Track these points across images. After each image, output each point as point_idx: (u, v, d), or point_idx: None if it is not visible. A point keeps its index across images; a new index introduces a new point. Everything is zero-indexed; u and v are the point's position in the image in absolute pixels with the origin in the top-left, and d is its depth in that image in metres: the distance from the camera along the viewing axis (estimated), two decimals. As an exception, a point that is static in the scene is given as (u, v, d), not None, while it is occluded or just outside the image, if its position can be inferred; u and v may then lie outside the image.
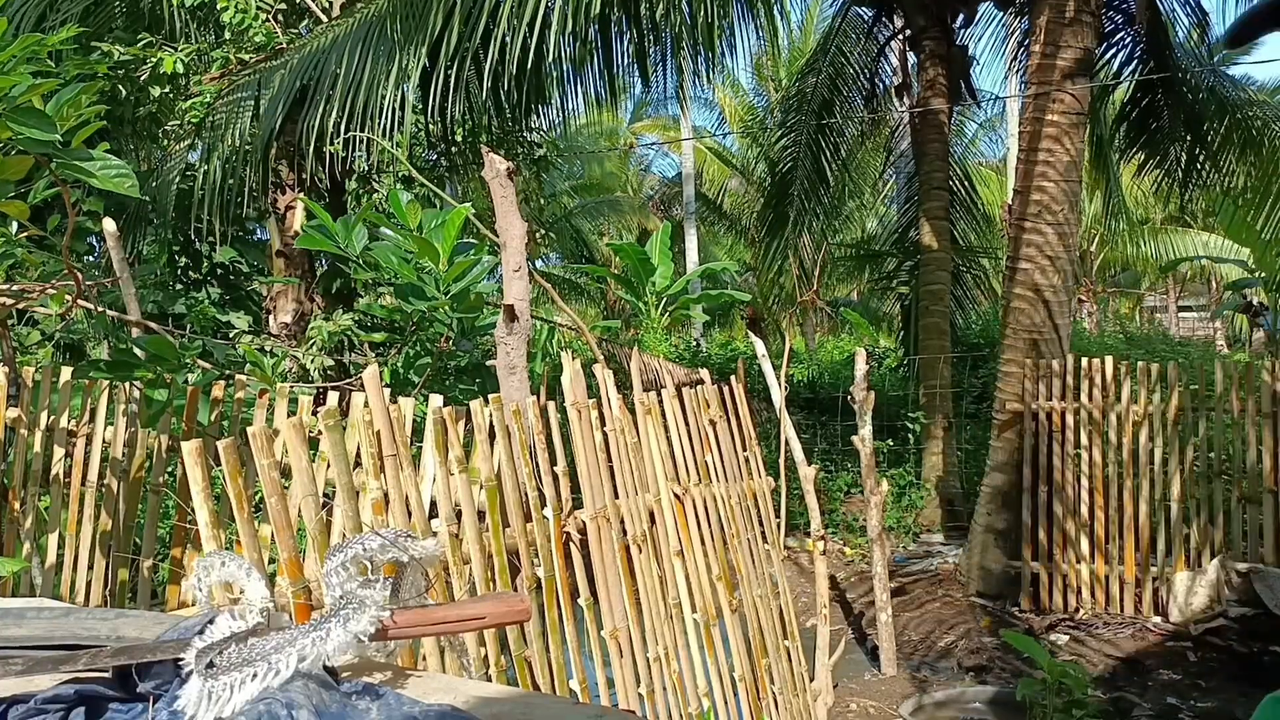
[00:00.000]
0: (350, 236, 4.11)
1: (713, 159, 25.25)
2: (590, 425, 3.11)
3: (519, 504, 2.79)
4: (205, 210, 7.82)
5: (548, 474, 2.92)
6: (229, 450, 1.99)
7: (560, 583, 2.90)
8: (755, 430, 4.51)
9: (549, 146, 10.17)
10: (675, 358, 14.30)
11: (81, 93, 2.58)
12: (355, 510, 2.23)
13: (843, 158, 12.58)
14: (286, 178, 8.71)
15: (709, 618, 3.60)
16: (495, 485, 2.68)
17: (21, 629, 1.42)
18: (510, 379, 3.08)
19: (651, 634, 3.28)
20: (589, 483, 3.08)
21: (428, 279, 3.81)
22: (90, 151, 2.45)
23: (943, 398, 9.19)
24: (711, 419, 3.96)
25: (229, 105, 7.86)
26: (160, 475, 3.46)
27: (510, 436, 2.80)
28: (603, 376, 3.27)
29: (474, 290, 3.85)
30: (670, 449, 3.62)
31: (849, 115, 12.36)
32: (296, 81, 7.35)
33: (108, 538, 3.49)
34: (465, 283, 3.81)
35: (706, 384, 3.99)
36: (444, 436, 2.53)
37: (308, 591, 2.10)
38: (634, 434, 3.40)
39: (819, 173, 12.32)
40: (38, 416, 3.49)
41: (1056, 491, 6.64)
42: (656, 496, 3.45)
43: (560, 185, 23.16)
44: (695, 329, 19.07)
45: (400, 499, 2.38)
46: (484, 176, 3.07)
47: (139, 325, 3.66)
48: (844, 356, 17.65)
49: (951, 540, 8.52)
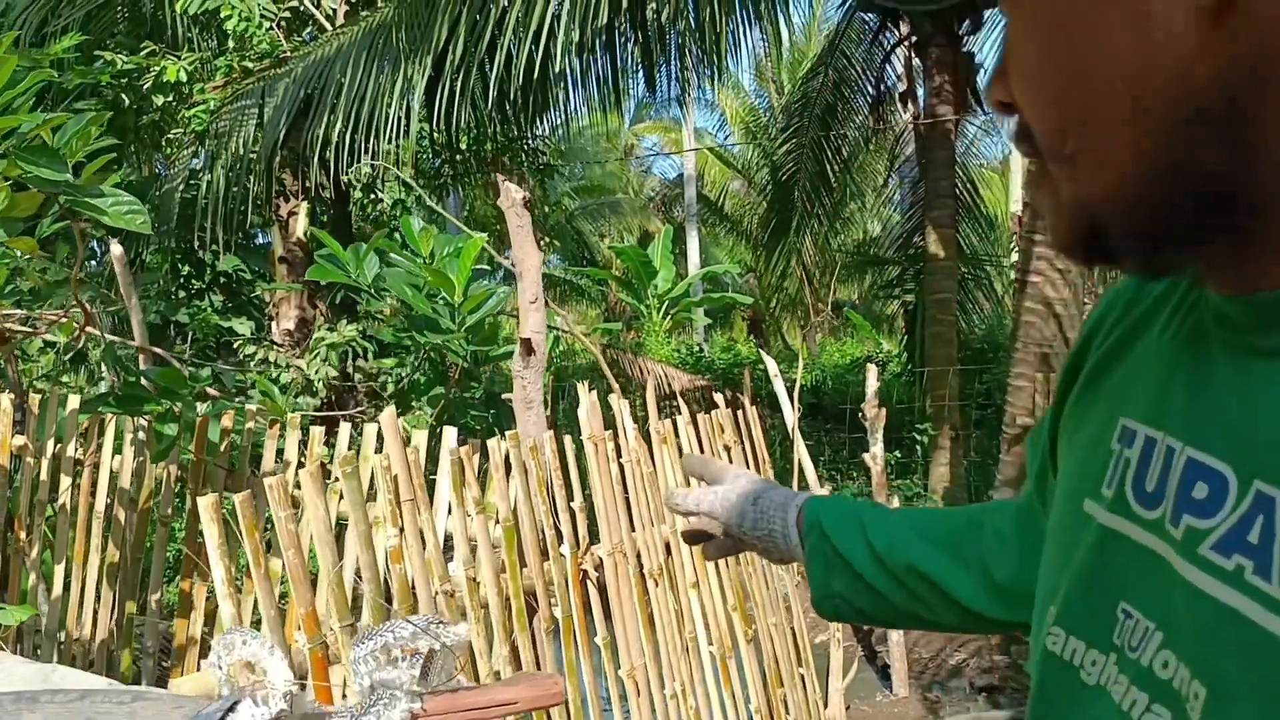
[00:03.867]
0: (361, 265, 4.05)
1: (714, 161, 25.18)
2: (607, 458, 3.05)
3: (536, 543, 2.74)
4: (208, 219, 7.77)
5: (565, 510, 2.86)
6: (245, 505, 1.93)
7: (578, 623, 2.85)
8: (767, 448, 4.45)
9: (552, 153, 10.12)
10: (678, 362, 14.25)
11: (91, 123, 2.53)
12: (372, 559, 2.18)
13: (844, 158, 12.51)
14: (290, 186, 8.65)
15: (725, 650, 3.55)
16: (513, 525, 2.62)
17: (35, 714, 1.37)
18: (527, 413, 3.02)
19: (668, 669, 3.23)
20: (606, 517, 3.03)
21: (441, 309, 3.75)
22: (101, 188, 2.40)
23: (950, 408, 9.14)
24: (726, 444, 3.90)
25: (232, 114, 7.80)
26: (169, 506, 3.40)
27: (528, 473, 2.74)
28: (619, 407, 3.22)
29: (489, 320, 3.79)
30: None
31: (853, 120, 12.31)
32: (300, 91, 7.29)
33: (115, 569, 3.43)
34: (481, 314, 3.74)
35: (721, 408, 3.93)
36: (461, 477, 2.48)
37: (325, 646, 2.05)
38: (650, 463, 3.35)
39: (822, 177, 12.26)
40: (44, 444, 3.44)
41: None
42: (673, 528, 3.40)
43: (561, 187, 23.08)
44: (697, 332, 19.00)
45: (418, 544, 2.33)
46: (499, 205, 3.01)
47: (147, 352, 3.61)
48: (847, 360, 17.60)
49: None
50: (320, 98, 7.36)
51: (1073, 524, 0.69)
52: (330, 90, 7.31)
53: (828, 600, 1.09)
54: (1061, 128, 0.59)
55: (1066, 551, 0.70)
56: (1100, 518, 0.66)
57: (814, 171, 12.19)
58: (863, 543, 1.05)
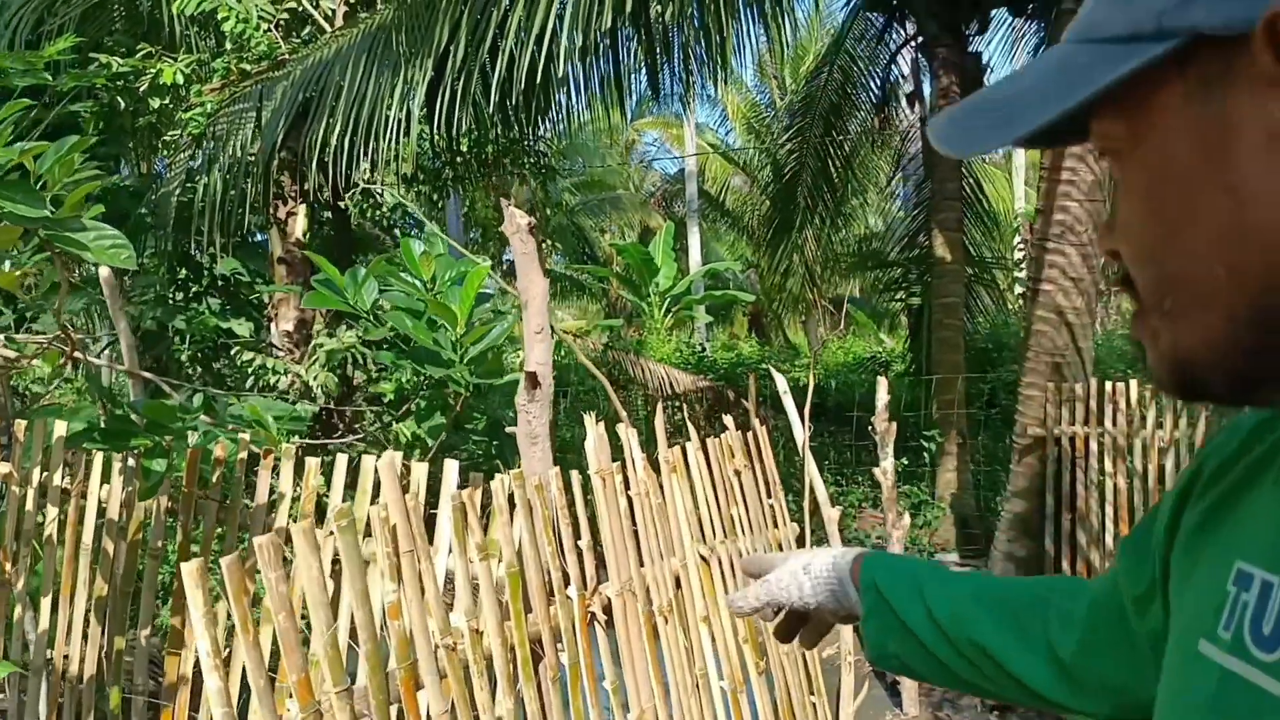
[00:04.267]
0: (360, 291, 3.91)
1: (715, 156, 25.04)
2: (615, 493, 2.93)
3: (542, 586, 2.62)
4: (205, 222, 7.65)
5: (571, 550, 2.74)
6: (233, 570, 1.81)
7: (585, 668, 2.73)
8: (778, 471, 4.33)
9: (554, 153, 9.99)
10: (680, 363, 14.12)
11: (73, 149, 2.40)
12: (369, 619, 2.06)
13: (845, 154, 12.41)
14: (289, 188, 8.52)
15: (736, 684, 3.43)
16: (517, 570, 2.50)
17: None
18: (532, 450, 2.90)
19: (679, 709, 3.12)
20: (614, 555, 2.91)
21: (443, 339, 3.60)
22: (83, 220, 2.27)
23: (958, 414, 9.02)
24: (737, 469, 3.78)
25: (230, 117, 7.66)
26: (159, 539, 3.28)
27: (533, 512, 2.62)
28: (627, 437, 3.09)
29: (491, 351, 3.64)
30: (695, 506, 3.44)
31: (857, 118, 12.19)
32: (299, 94, 7.16)
33: (103, 603, 3.31)
34: (484, 345, 3.60)
35: (730, 430, 3.81)
36: (464, 522, 2.36)
37: (319, 715, 1.93)
38: (659, 494, 3.23)
39: (825, 176, 12.17)
40: (29, 473, 3.32)
41: (1080, 520, 6.47)
42: (683, 561, 3.28)
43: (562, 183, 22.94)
44: (699, 330, 18.86)
45: (418, 595, 2.21)
46: (504, 231, 2.88)
47: (137, 377, 3.48)
48: (851, 359, 17.47)
49: (967, 561, 8.36)
50: (319, 100, 7.23)
51: (1189, 664, 0.71)
52: (329, 93, 7.18)
53: (883, 660, 1.12)
54: (1160, 284, 0.63)
55: (1182, 691, 0.71)
56: (1218, 659, 0.67)
57: (817, 170, 12.09)
58: (922, 610, 1.07)
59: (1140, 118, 0.62)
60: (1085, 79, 0.61)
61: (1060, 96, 0.62)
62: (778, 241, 12.86)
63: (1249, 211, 0.56)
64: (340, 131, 7.04)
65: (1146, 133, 0.62)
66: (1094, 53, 0.62)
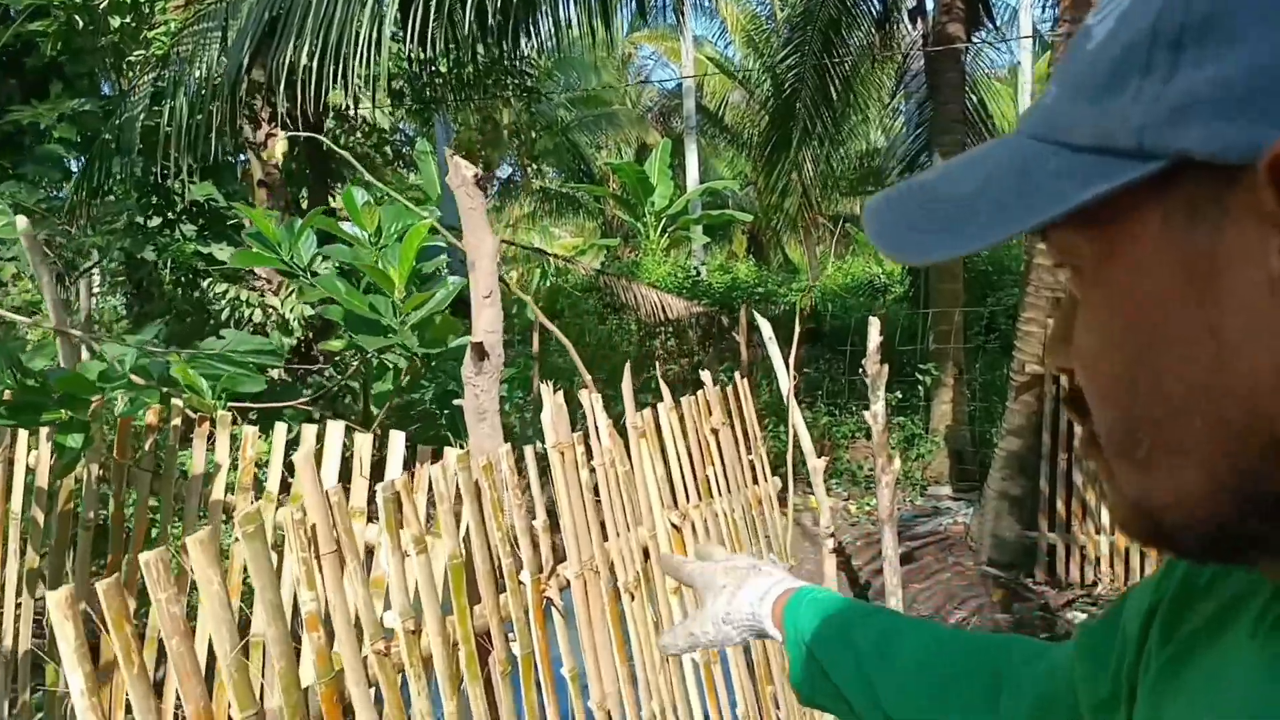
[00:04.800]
0: (296, 245, 3.61)
1: (714, 71, 24.41)
2: (575, 467, 2.70)
3: (490, 574, 2.41)
4: (174, 147, 7.33)
5: (525, 533, 2.52)
6: (111, 594, 1.59)
7: (540, 656, 2.54)
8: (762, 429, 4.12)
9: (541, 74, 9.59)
10: (675, 287, 13.86)
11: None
12: (283, 633, 1.84)
13: (845, 73, 12.02)
14: (260, 111, 8.18)
15: (710, 656, 3.26)
16: (460, 562, 2.29)
17: None
18: (480, 426, 2.66)
19: (645, 690, 2.94)
20: (574, 533, 2.69)
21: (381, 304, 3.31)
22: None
23: (954, 347, 8.79)
24: (714, 427, 3.55)
25: (195, 36, 7.30)
26: (93, 509, 3.07)
27: (481, 496, 2.40)
28: (590, 403, 2.86)
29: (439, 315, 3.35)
30: (667, 470, 3.23)
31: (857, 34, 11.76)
32: (265, 13, 6.79)
33: (35, 575, 3.12)
34: (426, 310, 3.30)
35: (708, 386, 3.58)
36: (397, 515, 2.14)
37: (222, 747, 1.72)
38: (626, 462, 3.01)
39: (824, 94, 11.80)
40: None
41: (1077, 459, 6.28)
42: (651, 531, 3.07)
43: (555, 99, 22.38)
44: (696, 253, 18.52)
45: (342, 601, 2.00)
46: (449, 182, 2.61)
47: (64, 334, 3.23)
48: (849, 281, 17.17)
49: (960, 495, 8.21)
50: (286, 18, 6.86)
51: None
52: (296, 11, 6.81)
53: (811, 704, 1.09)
54: (1125, 427, 0.55)
55: None
56: None
57: (816, 86, 11.70)
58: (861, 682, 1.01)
59: (1108, 236, 0.53)
60: (1049, 196, 0.51)
61: (1020, 214, 0.51)
62: (775, 160, 12.53)
63: (1234, 358, 0.48)
64: (310, 51, 6.69)
65: (1115, 253, 0.53)
66: (1058, 160, 0.52)
